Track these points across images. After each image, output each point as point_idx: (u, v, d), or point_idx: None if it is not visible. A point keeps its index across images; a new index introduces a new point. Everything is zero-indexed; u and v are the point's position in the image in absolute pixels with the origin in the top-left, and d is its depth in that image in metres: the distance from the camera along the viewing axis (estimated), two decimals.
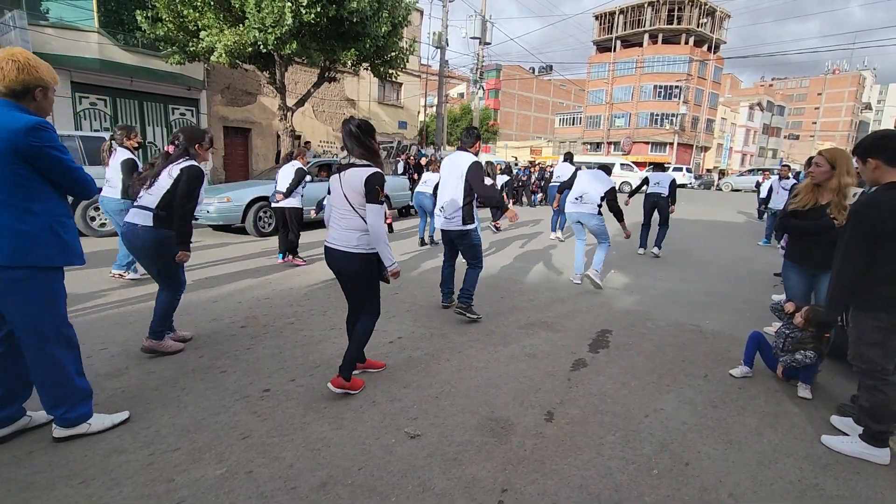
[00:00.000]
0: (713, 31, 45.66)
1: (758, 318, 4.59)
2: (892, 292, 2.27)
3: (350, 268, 2.70)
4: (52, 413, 2.24)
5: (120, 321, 3.88)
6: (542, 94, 61.39)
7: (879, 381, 2.35)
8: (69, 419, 2.24)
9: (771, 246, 9.39)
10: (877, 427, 2.38)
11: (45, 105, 2.17)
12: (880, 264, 2.28)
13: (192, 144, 3.30)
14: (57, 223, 2.11)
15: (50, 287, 2.13)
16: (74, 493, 1.92)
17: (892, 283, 2.27)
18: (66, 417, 2.23)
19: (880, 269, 2.28)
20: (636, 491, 2.09)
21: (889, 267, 2.27)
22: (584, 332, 4.08)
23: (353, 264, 2.68)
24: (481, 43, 20.86)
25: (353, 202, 2.60)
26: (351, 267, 2.70)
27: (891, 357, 2.33)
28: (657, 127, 44.59)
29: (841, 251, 2.40)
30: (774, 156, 59.29)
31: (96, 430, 2.32)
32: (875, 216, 2.25)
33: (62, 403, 2.21)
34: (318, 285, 5.22)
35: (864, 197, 2.41)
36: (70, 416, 2.23)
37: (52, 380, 2.17)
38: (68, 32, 11.90)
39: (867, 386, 2.41)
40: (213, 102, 16.15)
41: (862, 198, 2.42)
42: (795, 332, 3.06)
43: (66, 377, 2.20)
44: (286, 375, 3.05)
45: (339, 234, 2.67)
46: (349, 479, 2.08)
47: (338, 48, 11.19)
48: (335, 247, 2.68)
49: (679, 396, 3.00)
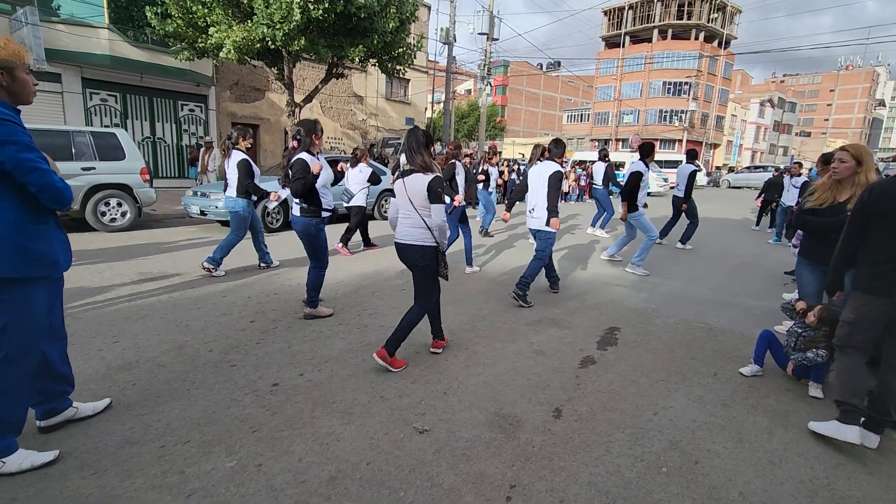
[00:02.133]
0: (724, 26, 45.10)
1: (768, 317, 4.55)
2: (871, 273, 2.43)
3: (414, 258, 3.08)
4: None
5: (132, 315, 3.92)
6: (549, 91, 61.08)
7: (841, 355, 2.58)
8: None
9: (781, 244, 9.30)
10: (840, 399, 2.51)
11: (16, 88, 1.89)
12: (868, 247, 2.47)
13: (309, 136, 3.85)
14: (17, 230, 1.88)
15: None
16: (87, 484, 1.95)
17: (873, 265, 2.42)
18: None
19: (867, 252, 2.47)
20: (645, 488, 2.09)
21: (872, 250, 2.44)
22: (592, 330, 4.07)
23: (416, 254, 3.06)
24: (489, 39, 20.74)
25: (416, 204, 2.98)
26: (414, 256, 3.07)
27: (856, 340, 2.50)
28: (666, 124, 44.21)
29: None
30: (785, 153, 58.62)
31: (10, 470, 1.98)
32: (866, 198, 2.44)
33: None
34: (327, 282, 5.23)
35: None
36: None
37: None
38: (79, 29, 12.00)
39: (836, 358, 2.65)
40: (222, 99, 16.22)
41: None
42: (808, 332, 3.03)
43: None
44: (295, 370, 3.07)
45: (405, 231, 3.07)
46: (358, 474, 2.09)
47: (345, 44, 11.19)
48: (404, 242, 3.08)
49: (688, 394, 2.98)
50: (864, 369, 2.50)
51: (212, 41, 10.17)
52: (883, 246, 2.39)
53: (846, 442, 2.41)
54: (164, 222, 9.03)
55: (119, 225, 7.70)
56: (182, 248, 6.65)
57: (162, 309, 4.12)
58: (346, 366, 3.16)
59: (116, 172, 7.62)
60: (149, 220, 8.86)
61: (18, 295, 1.93)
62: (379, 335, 3.71)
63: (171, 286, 4.79)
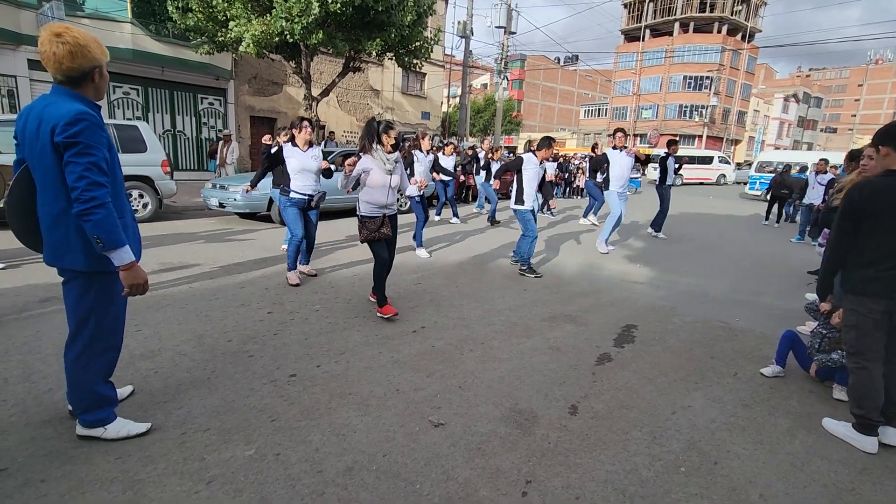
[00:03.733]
0: (748, 18, 43.94)
1: (790, 317, 4.45)
2: (864, 275, 2.36)
3: None
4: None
5: (153, 305, 4.00)
6: (566, 85, 60.36)
7: (855, 365, 2.45)
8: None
9: (805, 242, 9.08)
10: (857, 411, 2.45)
11: (102, 85, 1.98)
12: (858, 248, 2.39)
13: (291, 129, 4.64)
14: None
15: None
16: (112, 468, 2.00)
17: (865, 266, 2.36)
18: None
19: (857, 253, 2.40)
20: (663, 488, 2.06)
21: (863, 250, 2.37)
22: (608, 327, 4.03)
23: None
24: (506, 32, 20.55)
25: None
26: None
27: (866, 343, 2.40)
28: (686, 119, 43.35)
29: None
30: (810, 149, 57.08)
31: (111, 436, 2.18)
32: (855, 197, 2.36)
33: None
34: (344, 273, 5.27)
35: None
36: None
37: None
38: (103, 23, 12.21)
39: (849, 367, 2.53)
40: (241, 92, 16.38)
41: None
42: (833, 332, 2.96)
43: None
44: (312, 361, 3.10)
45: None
46: (374, 465, 2.11)
47: (363, 38, 11.19)
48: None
49: (707, 394, 2.93)
50: (880, 383, 2.40)
51: (231, 35, 10.27)
52: (876, 246, 2.32)
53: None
54: (184, 214, 9.18)
55: (140, 216, 7.84)
56: (201, 240, 6.76)
57: (182, 299, 4.19)
58: (363, 358, 3.19)
59: (138, 164, 7.76)
60: (169, 211, 9.01)
61: (106, 284, 2.04)
62: (395, 328, 3.73)
63: (191, 276, 4.87)
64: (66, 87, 1.89)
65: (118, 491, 1.87)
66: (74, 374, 2.10)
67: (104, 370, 2.17)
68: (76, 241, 1.92)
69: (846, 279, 2.48)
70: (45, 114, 1.83)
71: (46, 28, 1.83)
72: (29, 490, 1.85)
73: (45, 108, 1.84)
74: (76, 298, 2.03)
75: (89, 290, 2.02)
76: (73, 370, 2.10)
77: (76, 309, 2.05)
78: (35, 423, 2.29)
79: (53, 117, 1.79)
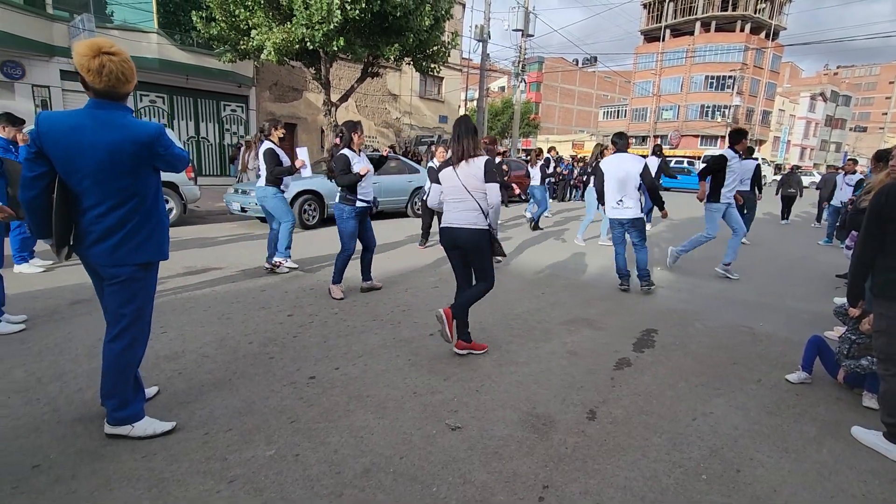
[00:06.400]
0: (772, 16, 43.00)
1: (816, 322, 4.33)
2: (893, 279, 2.31)
3: (468, 241, 3.17)
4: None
5: (178, 307, 4.10)
6: (585, 87, 59.94)
7: (886, 371, 2.38)
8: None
9: (832, 245, 8.82)
10: (888, 419, 2.38)
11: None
12: (886, 251, 2.34)
13: (350, 133, 4.33)
14: (166, 217, 2.37)
15: None
16: (139, 466, 2.06)
17: (894, 270, 2.31)
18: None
19: (885, 256, 2.35)
20: (684, 496, 2.03)
21: (891, 254, 2.32)
22: (627, 331, 3.98)
23: (470, 237, 3.16)
24: (524, 35, 20.52)
25: (471, 187, 3.10)
26: (468, 239, 3.17)
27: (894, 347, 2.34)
28: (708, 119, 42.57)
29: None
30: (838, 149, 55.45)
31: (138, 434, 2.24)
32: (883, 202, 2.32)
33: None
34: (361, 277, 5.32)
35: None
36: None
37: None
38: (131, 34, 12.63)
39: (880, 374, 2.47)
40: (262, 99, 16.72)
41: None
42: (862, 338, 2.87)
43: None
44: (331, 364, 3.14)
45: (456, 216, 3.17)
46: (391, 467, 2.13)
47: (381, 43, 11.33)
48: (456, 226, 3.18)
49: (730, 401, 2.87)
50: None
51: (253, 43, 10.51)
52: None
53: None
54: (207, 218, 9.40)
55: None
56: (224, 244, 6.91)
57: (205, 301, 4.29)
58: (380, 361, 3.21)
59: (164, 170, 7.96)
60: (193, 216, 9.23)
61: (153, 277, 2.27)
62: (412, 332, 3.75)
63: (213, 280, 4.99)
64: (119, 103, 2.10)
65: (144, 489, 1.93)
66: (119, 364, 2.18)
67: (140, 360, 2.32)
68: (155, 233, 2.20)
69: (875, 283, 2.42)
70: (116, 128, 2.03)
71: (118, 51, 2.01)
72: (60, 486, 1.92)
73: (112, 123, 2.03)
74: (136, 290, 2.18)
75: (148, 280, 2.23)
76: (118, 361, 2.17)
77: (134, 300, 2.18)
78: (66, 421, 2.37)
79: (143, 134, 2.07)
